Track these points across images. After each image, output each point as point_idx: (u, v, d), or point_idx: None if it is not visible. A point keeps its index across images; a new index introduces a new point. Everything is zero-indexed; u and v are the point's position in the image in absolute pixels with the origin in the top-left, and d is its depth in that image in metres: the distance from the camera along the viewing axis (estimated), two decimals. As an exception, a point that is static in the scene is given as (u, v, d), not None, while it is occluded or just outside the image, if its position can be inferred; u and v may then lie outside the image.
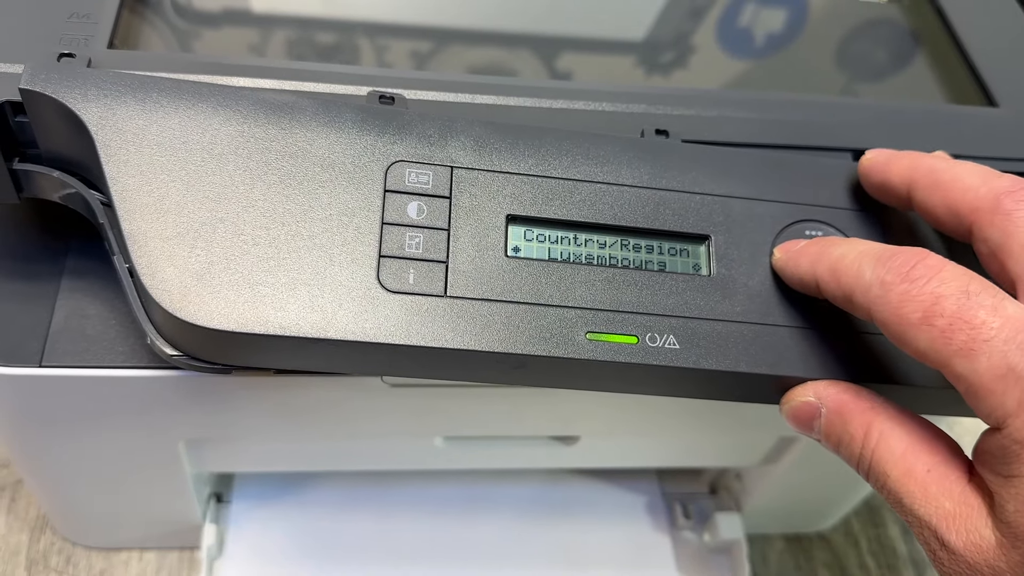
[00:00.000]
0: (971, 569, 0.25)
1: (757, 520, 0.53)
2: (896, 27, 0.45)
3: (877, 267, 0.26)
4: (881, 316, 0.26)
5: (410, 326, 0.28)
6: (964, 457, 0.27)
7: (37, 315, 0.35)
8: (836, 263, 0.28)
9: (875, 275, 0.26)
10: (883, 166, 0.32)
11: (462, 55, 0.40)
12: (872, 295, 0.26)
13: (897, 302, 0.25)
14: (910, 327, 0.25)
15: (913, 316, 0.25)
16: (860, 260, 0.27)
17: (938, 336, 0.25)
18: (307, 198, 0.29)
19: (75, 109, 0.29)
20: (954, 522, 0.25)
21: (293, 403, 0.38)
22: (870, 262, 0.27)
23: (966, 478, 0.26)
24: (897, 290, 0.26)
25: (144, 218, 0.28)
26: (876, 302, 0.26)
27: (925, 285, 0.25)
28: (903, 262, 0.26)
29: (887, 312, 0.26)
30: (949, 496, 0.26)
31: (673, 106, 0.36)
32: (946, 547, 0.25)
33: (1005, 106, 0.39)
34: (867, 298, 0.27)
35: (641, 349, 0.30)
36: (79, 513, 0.47)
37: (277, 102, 0.30)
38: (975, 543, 0.25)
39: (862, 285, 0.27)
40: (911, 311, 0.25)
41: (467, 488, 0.53)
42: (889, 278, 0.26)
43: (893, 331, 0.26)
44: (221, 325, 0.27)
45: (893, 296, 0.26)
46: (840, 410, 0.29)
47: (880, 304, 0.26)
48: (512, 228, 0.31)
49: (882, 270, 0.26)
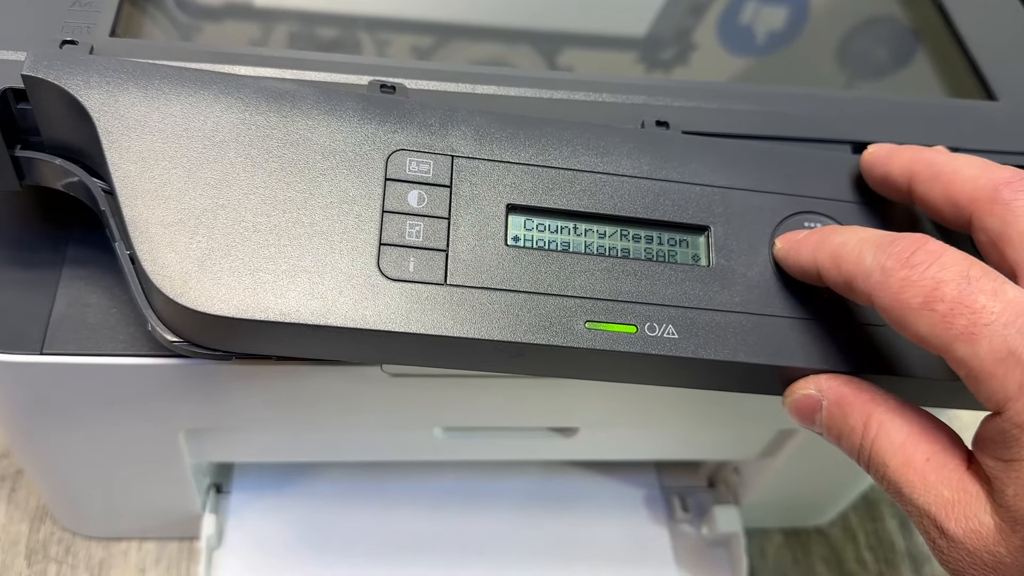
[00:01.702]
0: (970, 556, 0.25)
1: (755, 514, 0.53)
2: (896, 21, 0.45)
3: (878, 253, 0.27)
4: (882, 302, 0.26)
5: (410, 314, 0.28)
6: (963, 446, 0.27)
7: (38, 303, 0.35)
8: (837, 250, 0.28)
9: (876, 261, 0.26)
10: (884, 159, 0.32)
11: (464, 49, 0.40)
12: (873, 281, 0.26)
13: (898, 287, 0.26)
14: (911, 312, 0.25)
15: (914, 301, 0.25)
16: (861, 247, 0.27)
17: (939, 321, 0.25)
18: (308, 186, 0.29)
19: (77, 95, 0.29)
20: (953, 510, 0.25)
21: (293, 392, 0.38)
22: (871, 248, 0.27)
23: (964, 466, 0.26)
24: (898, 276, 0.26)
25: (146, 204, 0.28)
26: (877, 288, 0.26)
27: (926, 270, 0.25)
28: (904, 248, 0.26)
29: (888, 297, 0.26)
30: (947, 484, 0.26)
31: (673, 97, 0.36)
32: (945, 535, 0.25)
33: (1004, 100, 0.39)
34: (868, 284, 0.27)
35: (640, 338, 0.30)
36: (79, 503, 0.47)
37: (278, 90, 0.30)
38: (974, 529, 0.25)
39: (863, 271, 0.27)
40: (912, 296, 0.25)
41: (466, 480, 0.53)
42: (890, 264, 0.26)
43: (894, 316, 0.26)
44: (222, 311, 0.27)
45: (894, 282, 0.26)
46: (840, 402, 0.29)
47: (881, 290, 0.26)
48: (512, 217, 0.31)
49: (883, 256, 0.26)
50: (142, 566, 0.49)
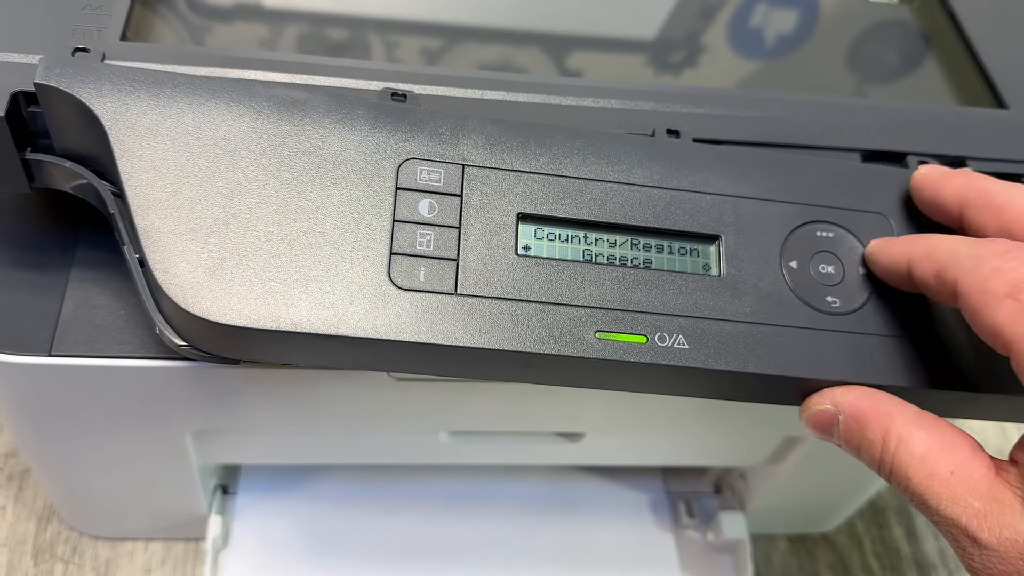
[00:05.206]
0: (1004, 563, 0.25)
1: (761, 520, 0.53)
2: (906, 28, 0.45)
3: (973, 246, 0.28)
4: (966, 286, 0.27)
5: (420, 323, 0.28)
6: (985, 454, 0.27)
7: (47, 305, 0.35)
8: (933, 244, 0.29)
9: (970, 251, 0.28)
10: (936, 183, 0.32)
11: (474, 52, 0.40)
12: (964, 267, 0.27)
13: (987, 273, 0.26)
14: (993, 299, 0.26)
15: (1000, 289, 0.26)
16: (956, 242, 0.29)
17: (1020, 311, 0.25)
18: (319, 195, 0.29)
19: (89, 104, 0.29)
20: (985, 520, 0.26)
21: (300, 396, 0.38)
22: (967, 243, 0.28)
23: (992, 474, 0.26)
24: (990, 264, 0.27)
25: (157, 213, 0.28)
26: (966, 273, 0.27)
27: (1018, 265, 0.26)
28: (1000, 244, 0.27)
29: (973, 282, 0.27)
30: (976, 495, 0.26)
31: (684, 105, 0.36)
32: (978, 544, 0.26)
33: (1015, 108, 0.39)
34: (957, 270, 0.27)
35: (650, 349, 0.30)
36: (85, 503, 0.47)
37: (290, 99, 0.30)
38: (1009, 538, 0.25)
39: (955, 259, 0.28)
40: (999, 284, 0.26)
41: (471, 484, 0.53)
42: (984, 252, 0.27)
43: (974, 302, 0.27)
44: (233, 321, 0.27)
45: (985, 268, 0.27)
46: (857, 416, 0.29)
47: (969, 275, 0.27)
48: (523, 226, 0.31)
49: (978, 248, 0.27)
50: (148, 566, 0.49)
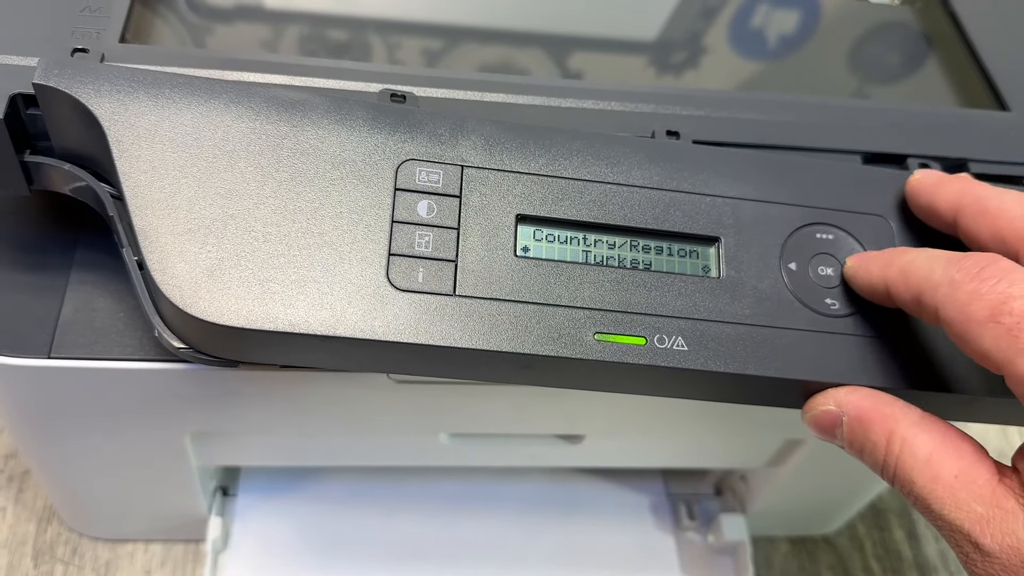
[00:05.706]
0: (1006, 570, 0.25)
1: (762, 522, 0.53)
2: (908, 30, 0.45)
3: (948, 267, 0.27)
4: (948, 314, 0.26)
5: (419, 325, 0.28)
6: (989, 459, 0.27)
7: (46, 307, 0.35)
8: (907, 266, 0.29)
9: (945, 274, 0.27)
10: (931, 188, 0.32)
11: (473, 53, 0.40)
12: (941, 293, 0.27)
13: (965, 300, 0.26)
14: (976, 324, 0.25)
15: (980, 314, 0.25)
16: (931, 262, 0.28)
17: (1004, 334, 0.25)
18: (318, 196, 0.29)
19: (88, 104, 0.29)
20: (988, 525, 0.25)
21: (299, 398, 0.38)
22: (941, 263, 0.27)
23: (995, 480, 0.26)
24: (966, 288, 0.26)
25: (156, 214, 0.28)
26: (944, 300, 0.26)
27: (995, 284, 0.25)
28: (974, 263, 0.26)
29: (954, 310, 0.26)
30: (979, 500, 0.26)
31: (684, 107, 0.36)
32: (980, 550, 0.25)
33: (1017, 110, 0.39)
34: (935, 297, 0.27)
35: (649, 350, 0.30)
36: (85, 504, 0.47)
37: (289, 99, 0.30)
38: (1012, 545, 0.25)
39: (931, 284, 0.27)
40: (978, 309, 0.25)
41: (471, 486, 0.53)
42: (959, 277, 0.26)
43: (958, 330, 0.26)
44: (231, 321, 0.27)
45: (961, 294, 0.26)
46: (861, 418, 0.29)
47: (948, 302, 0.26)
48: (521, 228, 0.31)
49: (952, 269, 0.27)
50: (148, 568, 0.49)
